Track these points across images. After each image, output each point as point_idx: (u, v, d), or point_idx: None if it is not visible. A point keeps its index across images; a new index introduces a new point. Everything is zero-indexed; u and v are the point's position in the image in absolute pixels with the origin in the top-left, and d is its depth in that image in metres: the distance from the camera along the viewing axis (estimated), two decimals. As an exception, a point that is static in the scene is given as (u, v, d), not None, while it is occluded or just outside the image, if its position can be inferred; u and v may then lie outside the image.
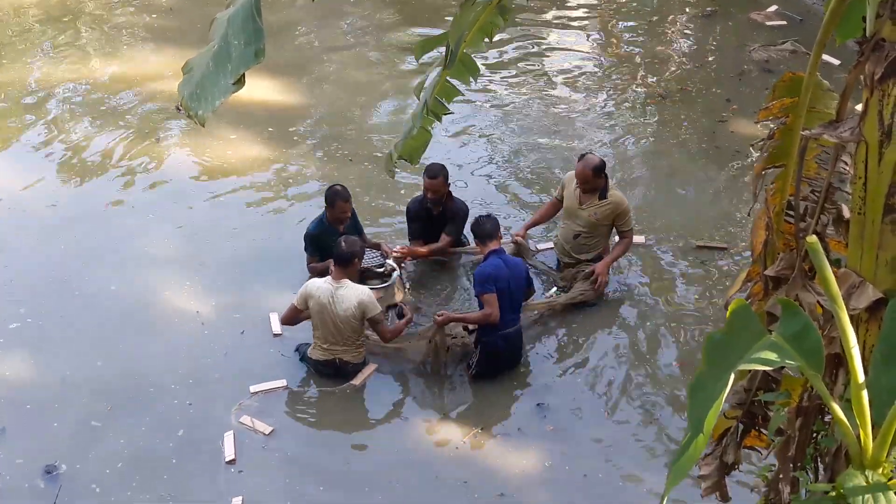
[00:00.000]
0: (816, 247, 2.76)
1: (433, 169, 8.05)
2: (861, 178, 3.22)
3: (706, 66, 12.24)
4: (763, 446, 4.25)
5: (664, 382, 7.46)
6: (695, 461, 2.67)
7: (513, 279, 7.29)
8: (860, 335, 3.26)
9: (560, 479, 6.63)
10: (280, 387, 7.29)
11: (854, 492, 2.72)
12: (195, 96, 3.33)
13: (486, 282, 7.16)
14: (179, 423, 6.99)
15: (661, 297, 8.27)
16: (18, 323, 7.85)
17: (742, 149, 10.27)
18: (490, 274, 7.18)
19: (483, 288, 7.18)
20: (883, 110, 3.11)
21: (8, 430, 6.90)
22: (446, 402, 7.29)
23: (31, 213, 9.18)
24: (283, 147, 10.29)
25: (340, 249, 7.12)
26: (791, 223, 3.93)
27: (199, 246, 8.76)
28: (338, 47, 12.53)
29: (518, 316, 7.40)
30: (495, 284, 7.15)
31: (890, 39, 3.08)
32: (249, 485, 6.53)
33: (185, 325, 7.87)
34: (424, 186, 8.08)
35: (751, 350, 2.82)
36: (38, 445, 6.77)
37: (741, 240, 8.83)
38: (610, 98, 11.47)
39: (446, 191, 8.10)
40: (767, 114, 3.96)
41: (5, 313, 7.92)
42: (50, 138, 10.37)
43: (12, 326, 7.81)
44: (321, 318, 7.09)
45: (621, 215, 7.97)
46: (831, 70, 10.59)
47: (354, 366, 7.33)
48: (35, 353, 7.55)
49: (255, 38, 3.31)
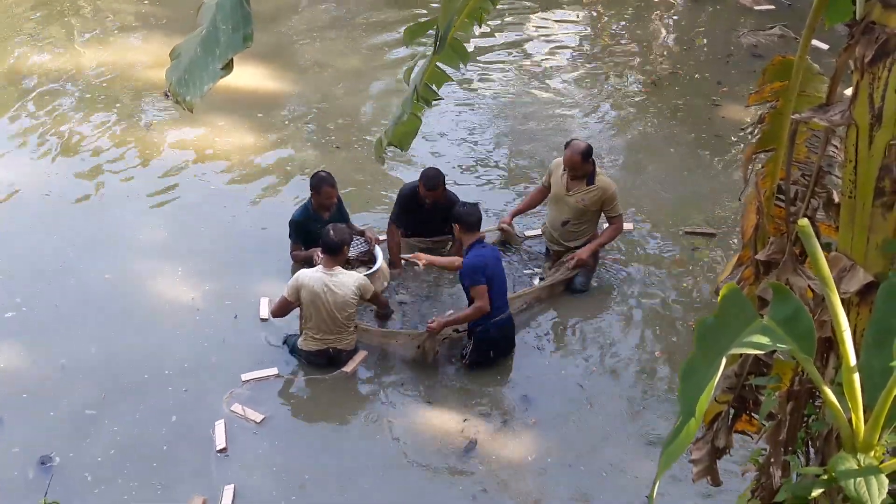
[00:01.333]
0: (808, 230, 2.76)
1: (431, 179, 7.90)
2: (851, 161, 3.22)
3: (695, 50, 12.23)
4: (754, 431, 4.26)
5: (650, 372, 7.47)
6: (686, 445, 2.67)
7: (497, 263, 7.31)
8: (851, 319, 3.26)
9: (545, 469, 6.64)
10: (271, 375, 7.28)
11: (845, 475, 2.72)
12: (183, 82, 3.31)
13: (476, 273, 7.15)
14: (171, 412, 6.98)
15: (650, 283, 8.28)
16: (14, 312, 7.82)
17: (732, 133, 10.28)
18: (478, 265, 7.17)
19: (473, 280, 7.16)
20: (873, 93, 3.10)
21: (5, 420, 6.88)
22: (435, 391, 7.28)
23: (23, 201, 9.13)
24: (272, 133, 10.26)
25: (329, 238, 7.10)
26: (781, 207, 3.93)
27: (189, 233, 8.74)
28: (326, 33, 12.47)
29: (506, 302, 7.39)
30: (484, 273, 7.14)
31: (880, 22, 3.08)
32: (241, 473, 6.53)
33: (178, 312, 7.86)
34: (421, 194, 7.95)
35: (742, 334, 2.81)
36: (33, 434, 6.76)
37: (731, 225, 8.84)
38: (598, 84, 11.45)
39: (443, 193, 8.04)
40: (758, 97, 3.95)
41: (1, 302, 7.89)
42: (38, 126, 10.29)
43: (8, 315, 7.78)
44: (314, 307, 7.07)
45: (608, 200, 7.95)
46: (820, 55, 10.61)
47: (347, 353, 7.33)
48: (31, 342, 7.54)
49: (244, 23, 3.29)
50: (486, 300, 7.14)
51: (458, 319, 7.35)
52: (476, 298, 7.16)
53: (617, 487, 6.49)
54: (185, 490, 6.38)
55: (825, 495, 3.02)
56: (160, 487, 6.41)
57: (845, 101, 3.25)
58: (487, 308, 7.16)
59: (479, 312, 7.18)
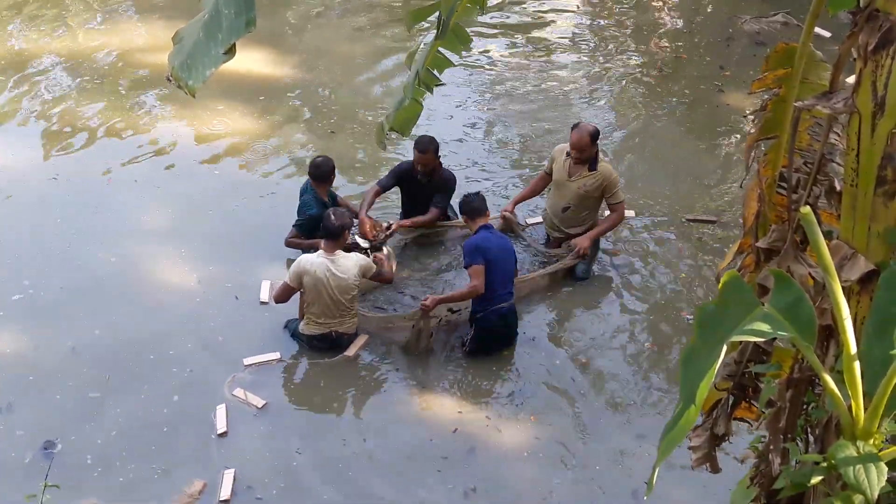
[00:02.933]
0: (810, 218, 2.76)
1: (423, 142, 7.98)
2: (854, 149, 3.22)
3: (696, 35, 12.20)
4: (753, 418, 4.27)
5: (649, 363, 7.46)
6: (686, 432, 2.68)
7: (503, 251, 7.27)
8: (852, 307, 3.26)
9: (540, 463, 6.63)
10: (273, 359, 7.29)
11: (845, 462, 2.73)
12: (185, 66, 3.29)
13: (475, 252, 7.13)
14: (173, 395, 6.99)
15: (650, 271, 8.28)
16: (21, 294, 7.84)
17: (735, 120, 10.26)
18: (478, 245, 7.16)
19: (472, 259, 7.15)
20: (876, 81, 3.10)
21: (12, 403, 6.89)
22: (432, 381, 7.26)
23: (28, 185, 9.13)
24: (273, 118, 10.25)
25: (330, 223, 7.11)
26: (783, 195, 3.92)
27: (191, 217, 8.74)
28: (327, 18, 12.46)
29: (511, 291, 7.35)
30: (484, 256, 7.12)
31: (884, 10, 3.07)
32: (242, 458, 6.54)
33: (180, 296, 7.87)
34: (414, 159, 8.02)
35: (743, 321, 2.81)
36: (38, 418, 6.77)
37: (733, 212, 8.82)
38: (600, 70, 11.44)
39: (436, 163, 8.06)
40: (761, 84, 3.94)
41: (9, 285, 7.92)
42: (42, 111, 10.28)
43: (15, 298, 7.81)
44: (317, 292, 7.08)
45: (609, 187, 7.93)
46: (823, 42, 10.57)
47: (349, 337, 7.35)
48: (37, 325, 7.56)
49: (246, 8, 3.28)
50: (482, 281, 7.09)
51: (451, 297, 7.33)
52: (472, 277, 7.15)
53: (611, 481, 6.48)
54: (184, 474, 6.39)
55: (824, 482, 3.03)
56: (160, 471, 6.42)
57: (848, 89, 3.25)
58: (482, 289, 7.12)
59: (473, 292, 7.16)
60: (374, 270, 7.34)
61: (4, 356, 7.26)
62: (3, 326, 7.52)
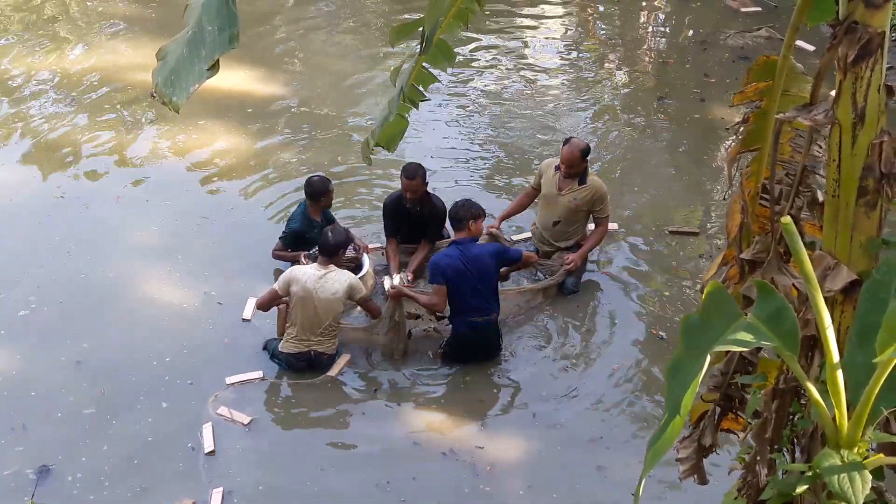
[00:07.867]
0: (791, 228, 2.78)
1: (410, 169, 7.87)
2: (835, 160, 3.24)
3: (681, 48, 12.28)
4: (740, 429, 4.28)
5: (638, 372, 7.47)
6: (672, 442, 2.68)
7: (473, 270, 7.23)
8: (835, 317, 3.29)
9: (535, 471, 6.64)
10: (256, 378, 7.26)
11: (830, 471, 2.74)
12: (169, 82, 3.30)
13: (434, 273, 7.26)
14: (160, 413, 6.96)
15: (636, 283, 8.30)
16: (27, 311, 7.85)
17: (718, 132, 10.32)
18: (437, 264, 7.25)
19: (432, 278, 7.29)
20: (856, 93, 3.13)
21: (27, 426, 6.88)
22: (419, 393, 7.28)
23: (21, 203, 9.13)
24: (259, 134, 10.25)
25: (327, 240, 7.19)
26: (766, 206, 3.95)
27: (182, 233, 8.75)
28: (314, 34, 12.49)
29: (489, 306, 7.33)
30: (443, 275, 7.18)
31: (863, 22, 3.10)
32: (229, 476, 6.51)
33: (163, 314, 7.86)
34: (402, 187, 7.92)
35: (727, 332, 2.83)
36: (37, 435, 6.76)
37: (716, 224, 8.86)
38: (585, 81, 11.50)
39: (424, 190, 7.99)
40: (743, 97, 3.97)
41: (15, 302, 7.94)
42: (31, 129, 10.28)
43: (21, 314, 7.83)
44: (303, 304, 7.07)
45: (599, 200, 7.97)
46: (805, 56, 10.67)
47: (328, 357, 7.32)
48: (38, 341, 7.59)
49: (230, 24, 3.28)
50: (442, 299, 7.24)
51: (416, 298, 7.45)
52: (433, 295, 7.29)
53: (608, 488, 6.48)
54: (173, 493, 6.35)
55: (810, 492, 3.04)
56: (148, 491, 6.38)
57: (829, 101, 3.28)
58: (441, 307, 7.31)
59: (431, 306, 7.37)
60: (363, 294, 7.28)
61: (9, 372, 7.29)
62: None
